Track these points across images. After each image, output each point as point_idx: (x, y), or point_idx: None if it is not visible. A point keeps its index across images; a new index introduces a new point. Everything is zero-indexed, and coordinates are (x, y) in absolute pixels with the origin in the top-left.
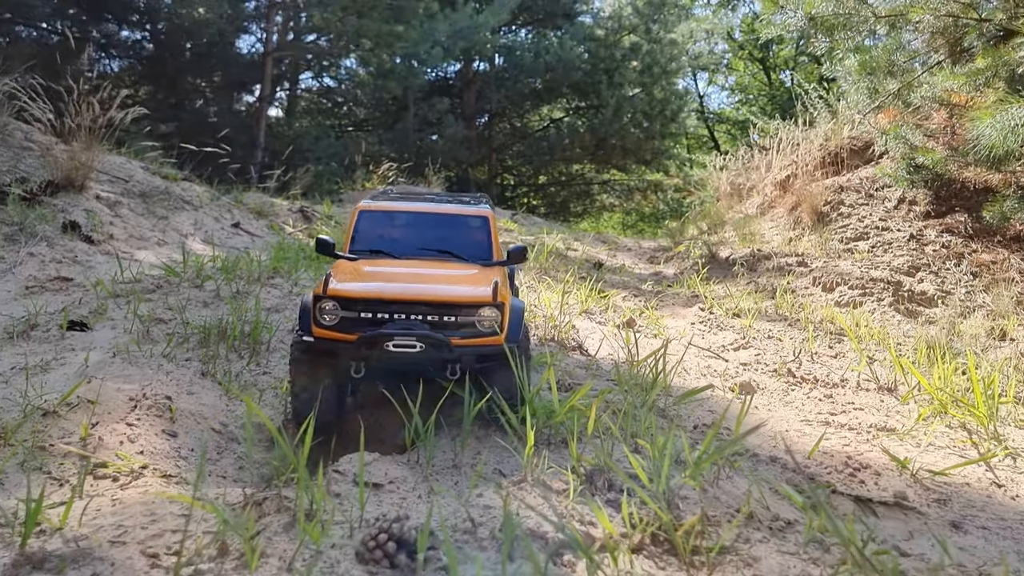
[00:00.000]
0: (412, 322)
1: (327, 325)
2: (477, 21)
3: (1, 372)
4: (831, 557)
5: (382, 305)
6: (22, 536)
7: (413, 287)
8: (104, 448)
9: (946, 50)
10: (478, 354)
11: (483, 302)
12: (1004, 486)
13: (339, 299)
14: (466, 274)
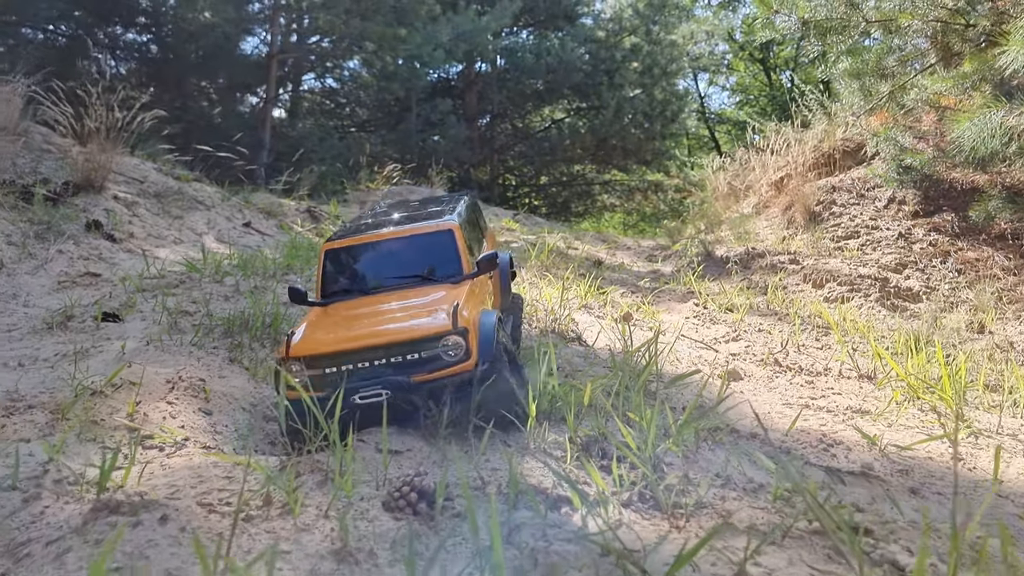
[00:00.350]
0: (375, 368)
1: (294, 388)
2: (479, 24)
3: (46, 358)
4: (795, 511)
5: (344, 356)
6: (97, 488)
7: (372, 331)
8: (149, 423)
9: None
10: (453, 384)
11: (443, 332)
12: (963, 460)
13: (302, 359)
14: (428, 300)
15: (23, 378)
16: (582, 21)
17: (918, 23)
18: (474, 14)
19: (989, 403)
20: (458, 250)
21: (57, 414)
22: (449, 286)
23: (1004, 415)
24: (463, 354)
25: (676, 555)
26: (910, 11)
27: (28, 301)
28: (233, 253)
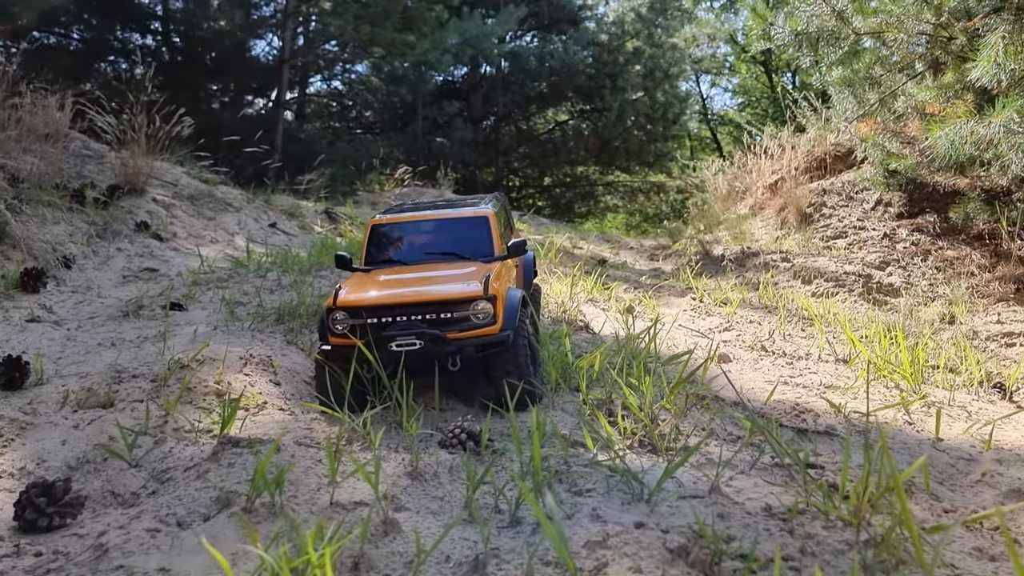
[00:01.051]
0: (412, 322)
1: (339, 333)
2: (485, 29)
3: (131, 339)
4: (765, 456)
5: (385, 310)
6: (220, 427)
7: (412, 290)
8: (233, 390)
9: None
10: (476, 345)
11: (475, 296)
12: (914, 424)
13: (347, 309)
14: (463, 272)
15: (120, 355)
16: (585, 25)
17: (903, 36)
18: (480, 19)
19: (947, 382)
20: (491, 234)
21: (157, 382)
22: (481, 263)
23: (958, 392)
24: (490, 319)
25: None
26: (895, 25)
27: (100, 293)
28: (269, 252)
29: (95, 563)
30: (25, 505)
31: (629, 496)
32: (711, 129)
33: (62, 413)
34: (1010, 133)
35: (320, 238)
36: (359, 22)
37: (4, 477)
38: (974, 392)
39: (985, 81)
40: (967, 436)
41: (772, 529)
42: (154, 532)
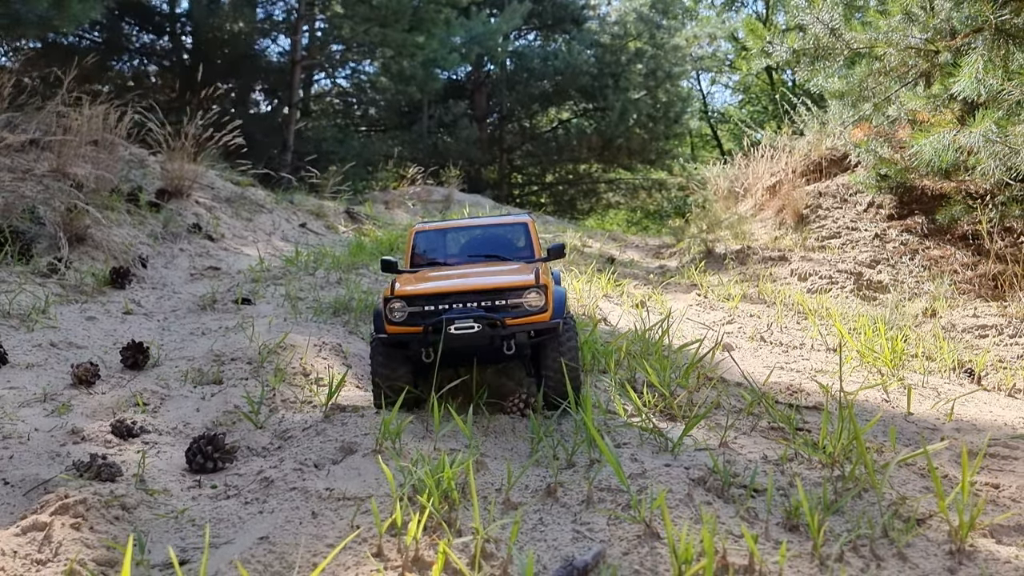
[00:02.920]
0: (469, 309)
1: (397, 322)
2: (491, 28)
3: (215, 329)
4: (762, 422)
5: (441, 298)
6: (328, 396)
7: (466, 281)
8: (315, 370)
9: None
10: (529, 330)
11: (527, 285)
12: (890, 401)
13: (405, 298)
14: (510, 267)
15: (214, 342)
16: (588, 25)
17: (892, 51)
18: (485, 17)
19: (923, 368)
20: (531, 238)
21: (253, 364)
22: (524, 263)
23: (933, 376)
24: (541, 307)
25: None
26: (885, 41)
27: (175, 289)
28: (309, 251)
29: (265, 490)
30: (196, 452)
31: (657, 448)
32: (712, 127)
33: (186, 388)
34: (988, 142)
35: (348, 237)
36: (370, 24)
37: (163, 434)
38: (946, 377)
39: (966, 95)
40: (934, 411)
41: (768, 470)
42: (299, 470)
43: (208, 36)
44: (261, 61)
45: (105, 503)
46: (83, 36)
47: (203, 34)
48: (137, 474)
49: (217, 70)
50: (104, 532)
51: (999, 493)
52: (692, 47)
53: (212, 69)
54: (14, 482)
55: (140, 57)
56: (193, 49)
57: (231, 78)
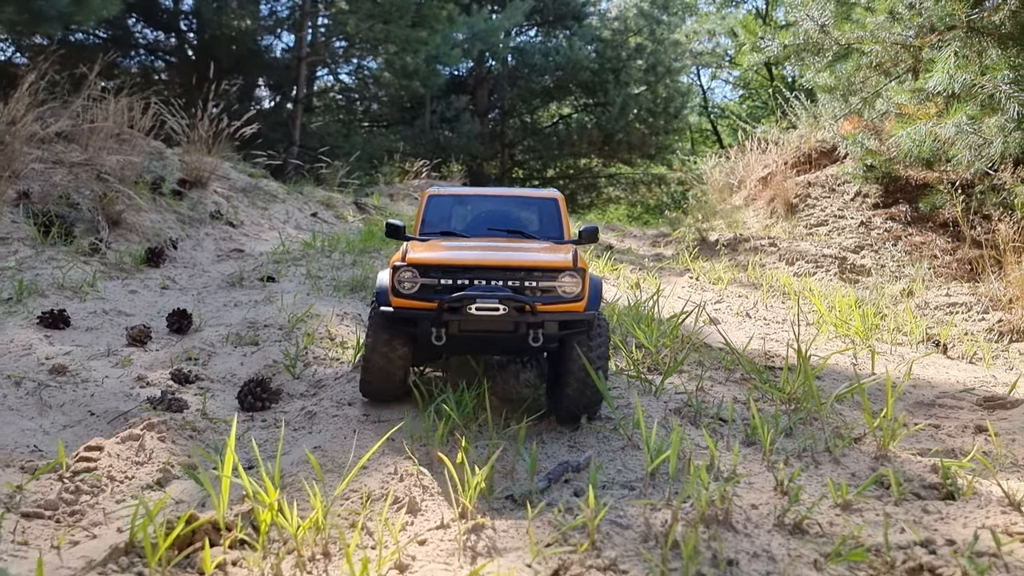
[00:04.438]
0: (494, 286)
1: (406, 293)
2: (493, 24)
3: (245, 303)
4: (735, 375)
5: (461, 271)
6: (354, 353)
7: (491, 254)
8: (339, 335)
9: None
10: (560, 321)
11: (564, 267)
12: (856, 364)
13: (418, 266)
14: (541, 246)
15: (247, 312)
16: (589, 21)
17: (877, 47)
18: (487, 14)
19: (893, 339)
20: (561, 216)
21: (284, 329)
22: (554, 244)
23: (902, 347)
24: (577, 294)
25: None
26: (870, 39)
27: (204, 268)
28: (325, 238)
29: (310, 421)
30: (247, 393)
31: (643, 391)
32: (711, 122)
33: (228, 347)
34: (962, 133)
35: (357, 226)
36: (374, 20)
37: (215, 382)
38: (915, 347)
39: (940, 89)
40: (895, 372)
41: (736, 407)
42: (337, 405)
43: (216, 33)
44: (266, 57)
45: (180, 426)
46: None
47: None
48: (201, 409)
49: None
50: (183, 445)
51: (938, 431)
52: (692, 43)
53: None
54: (99, 413)
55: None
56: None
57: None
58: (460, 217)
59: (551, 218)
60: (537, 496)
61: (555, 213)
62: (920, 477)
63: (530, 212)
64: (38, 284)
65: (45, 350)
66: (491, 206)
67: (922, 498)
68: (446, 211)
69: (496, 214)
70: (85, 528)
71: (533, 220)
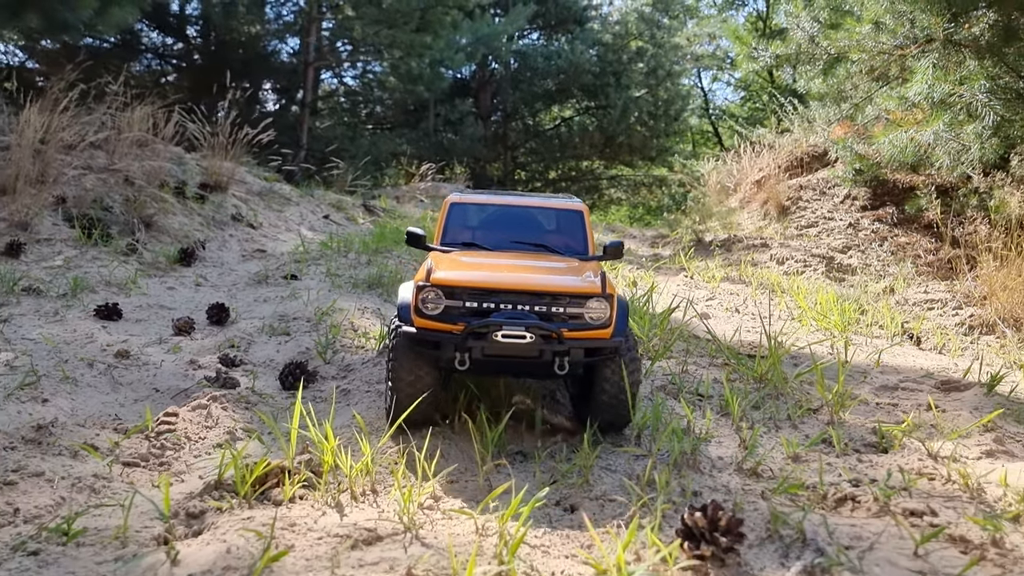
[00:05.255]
0: (520, 312)
1: (430, 315)
2: (496, 29)
3: (272, 298)
4: (718, 360)
5: (488, 295)
6: (378, 342)
7: (519, 276)
8: (361, 327)
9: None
10: (586, 348)
11: (592, 293)
12: (833, 354)
13: (443, 288)
14: (567, 266)
15: (276, 307)
16: (590, 25)
17: (865, 56)
18: (490, 18)
19: (870, 332)
20: (586, 230)
21: (312, 322)
22: (579, 260)
23: (878, 339)
24: (604, 321)
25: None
26: (857, 48)
27: (231, 267)
28: (339, 239)
29: (345, 396)
30: (288, 374)
31: None
32: (712, 123)
33: (264, 337)
34: (939, 140)
35: (367, 228)
36: (379, 26)
37: (257, 366)
38: (890, 340)
39: (919, 99)
40: (867, 360)
41: (714, 385)
42: (367, 385)
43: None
44: (273, 62)
45: (236, 399)
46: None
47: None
48: (251, 386)
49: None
50: (241, 414)
51: (895, 408)
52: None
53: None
54: (162, 390)
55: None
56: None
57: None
58: (483, 228)
59: (575, 232)
60: (541, 451)
61: (580, 226)
62: (862, 438)
63: (554, 225)
64: (87, 281)
65: (105, 338)
66: (516, 217)
67: (860, 452)
68: (468, 221)
69: (520, 226)
70: (173, 475)
71: (557, 233)
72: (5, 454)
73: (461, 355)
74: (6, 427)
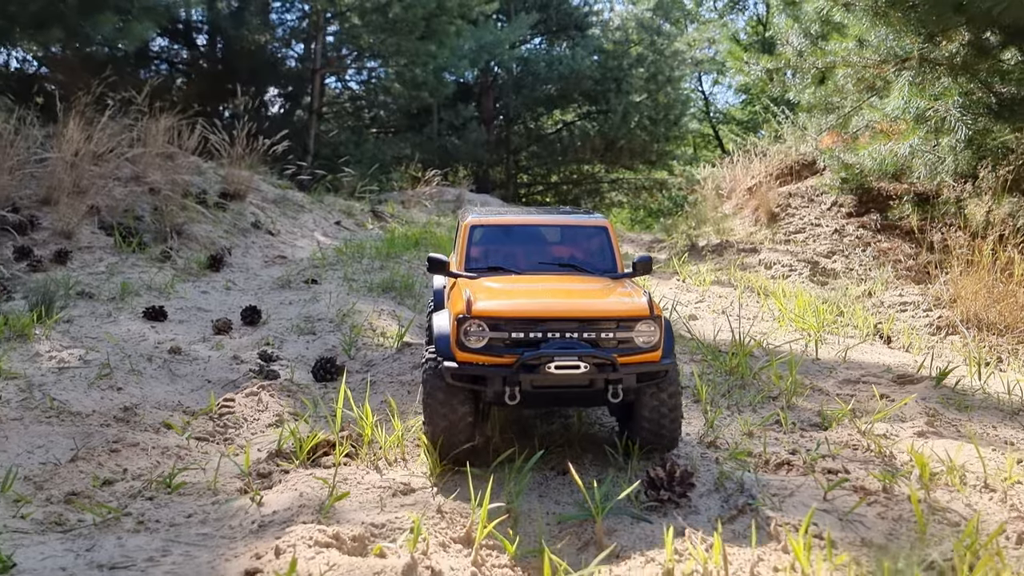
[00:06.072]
0: (570, 340)
1: (474, 348)
2: (499, 36)
3: (296, 301)
4: (696, 356)
5: (534, 324)
6: (397, 339)
7: (565, 303)
8: (380, 326)
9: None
10: (638, 373)
11: (641, 315)
12: (806, 351)
13: (486, 319)
14: (605, 286)
15: (301, 309)
16: (592, 31)
17: (850, 71)
18: (493, 26)
19: (843, 332)
20: (613, 246)
21: (335, 322)
22: (611, 279)
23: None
24: (654, 344)
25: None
26: (843, 63)
27: (256, 273)
28: (352, 245)
29: (371, 387)
30: (319, 368)
31: None
32: (712, 126)
33: (293, 336)
34: (916, 152)
35: (376, 233)
36: (385, 34)
37: (291, 361)
38: (862, 339)
39: (896, 112)
40: (835, 357)
41: (691, 376)
42: (390, 377)
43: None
44: (280, 69)
45: (279, 388)
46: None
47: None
48: (290, 378)
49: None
50: (286, 400)
51: (852, 398)
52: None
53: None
54: (214, 380)
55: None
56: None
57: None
58: (507, 249)
59: (603, 249)
60: (540, 427)
61: (606, 243)
62: (808, 419)
63: (580, 243)
64: (132, 285)
65: (155, 337)
66: (540, 237)
67: (804, 430)
68: (491, 243)
69: (545, 246)
70: (237, 447)
71: (584, 251)
72: (104, 429)
73: (511, 389)
74: (99, 409)
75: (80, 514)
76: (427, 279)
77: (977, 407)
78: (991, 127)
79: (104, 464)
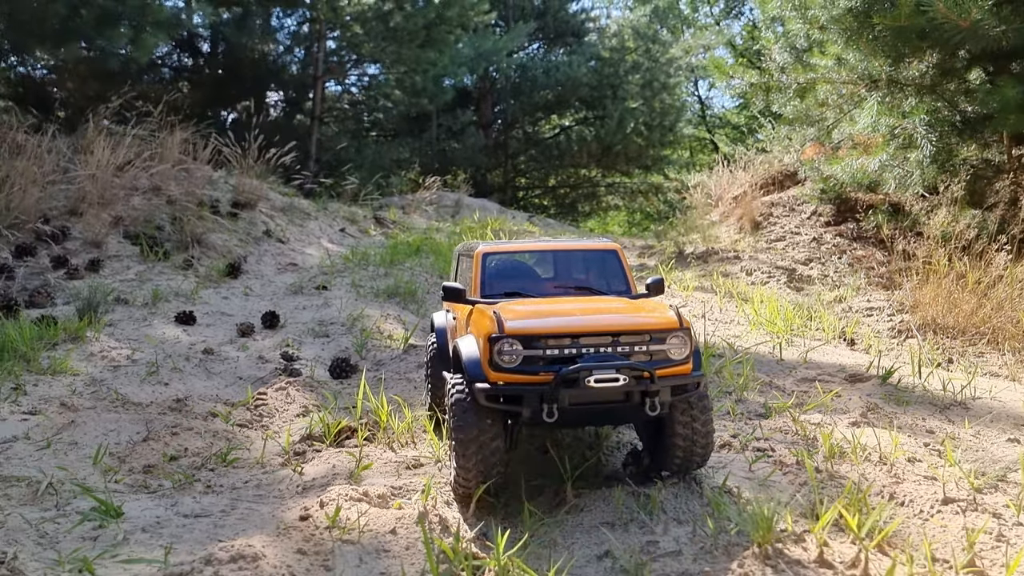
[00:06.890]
0: (606, 354)
1: (508, 368)
2: (498, 44)
3: (309, 306)
4: None
5: (568, 340)
6: (403, 342)
7: (595, 318)
8: (387, 330)
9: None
10: (673, 385)
11: (672, 327)
12: (772, 352)
13: (519, 337)
14: (628, 304)
15: (314, 314)
16: (588, 38)
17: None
18: (492, 33)
19: (810, 335)
20: (624, 269)
21: (346, 325)
22: (629, 299)
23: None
24: (685, 356)
25: None
26: (822, 79)
27: (271, 280)
28: (358, 252)
29: (383, 384)
30: (335, 367)
31: None
32: (708, 131)
33: (309, 338)
34: (883, 167)
35: (379, 239)
36: (386, 43)
37: (309, 361)
38: (827, 342)
39: (866, 132)
40: (797, 357)
41: None
42: (399, 375)
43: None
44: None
45: (303, 384)
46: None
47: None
48: (311, 376)
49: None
50: (309, 394)
51: (806, 394)
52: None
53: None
54: (244, 377)
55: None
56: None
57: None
58: (521, 276)
59: (615, 272)
60: None
61: (618, 266)
62: (754, 410)
63: (592, 267)
64: (161, 292)
65: (188, 339)
66: (552, 262)
67: (749, 419)
68: (505, 270)
69: (558, 271)
70: (273, 432)
71: (597, 275)
72: (162, 417)
73: (549, 406)
74: (155, 400)
75: (159, 480)
76: (429, 285)
77: (915, 402)
78: (955, 144)
79: (169, 444)
